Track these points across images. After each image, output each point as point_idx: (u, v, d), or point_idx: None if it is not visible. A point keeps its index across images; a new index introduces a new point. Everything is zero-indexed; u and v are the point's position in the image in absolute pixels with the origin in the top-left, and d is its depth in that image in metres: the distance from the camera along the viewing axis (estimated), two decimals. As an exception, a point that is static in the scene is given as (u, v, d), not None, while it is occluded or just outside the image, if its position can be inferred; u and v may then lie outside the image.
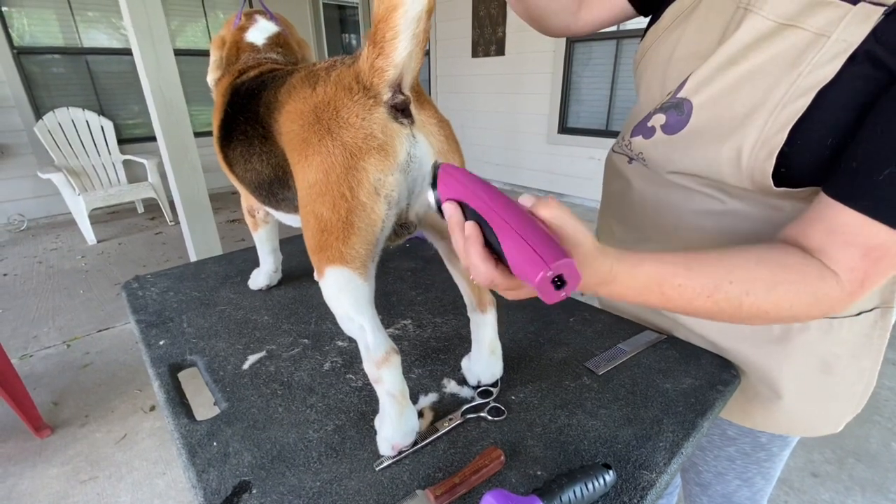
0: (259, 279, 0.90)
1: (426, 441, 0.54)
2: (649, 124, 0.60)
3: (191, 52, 4.69)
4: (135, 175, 4.28)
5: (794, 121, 0.45)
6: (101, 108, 4.33)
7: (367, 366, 0.51)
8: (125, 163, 4.25)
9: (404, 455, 0.52)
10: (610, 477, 0.46)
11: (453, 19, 5.04)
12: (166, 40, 1.92)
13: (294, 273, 0.97)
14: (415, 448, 0.53)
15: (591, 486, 0.44)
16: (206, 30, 4.87)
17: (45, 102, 4.09)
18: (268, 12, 0.81)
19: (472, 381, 0.63)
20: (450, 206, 0.41)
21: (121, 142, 4.29)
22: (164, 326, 0.78)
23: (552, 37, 0.77)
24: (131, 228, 4.02)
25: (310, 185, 0.48)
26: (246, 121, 0.63)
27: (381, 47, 0.43)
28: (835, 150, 0.45)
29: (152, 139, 2.81)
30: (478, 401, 0.60)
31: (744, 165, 0.50)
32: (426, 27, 0.42)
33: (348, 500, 0.46)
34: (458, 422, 0.57)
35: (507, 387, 0.63)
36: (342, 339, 0.74)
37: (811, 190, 0.48)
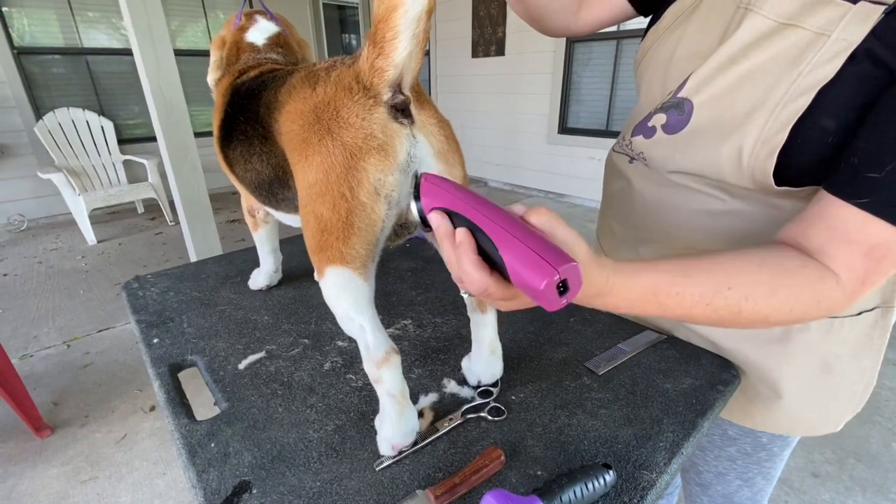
0: (259, 279, 0.90)
1: (426, 441, 0.54)
2: (650, 124, 0.60)
3: (191, 53, 4.69)
4: (135, 175, 4.28)
5: (795, 120, 0.45)
6: (102, 109, 4.34)
7: (367, 366, 0.51)
8: (125, 163, 4.25)
9: (404, 455, 0.52)
10: (610, 477, 0.46)
11: (453, 19, 5.04)
12: (166, 40, 1.92)
13: (294, 273, 0.97)
14: (415, 448, 0.53)
15: (591, 486, 0.44)
16: (207, 30, 4.88)
17: (46, 102, 4.10)
18: (268, 12, 0.81)
19: (472, 381, 0.63)
20: (436, 215, 0.40)
21: (121, 142, 4.29)
22: (164, 326, 0.78)
23: (552, 37, 0.77)
24: (131, 228, 4.03)
25: (310, 185, 0.48)
26: (246, 121, 0.63)
27: (381, 47, 0.43)
28: (836, 148, 0.45)
29: (152, 139, 2.82)
30: (478, 401, 0.60)
31: (745, 165, 0.50)
32: (426, 27, 0.42)
33: (348, 500, 0.46)
34: (459, 422, 0.57)
35: (507, 387, 0.63)
36: (342, 339, 0.74)
37: (812, 189, 0.47)
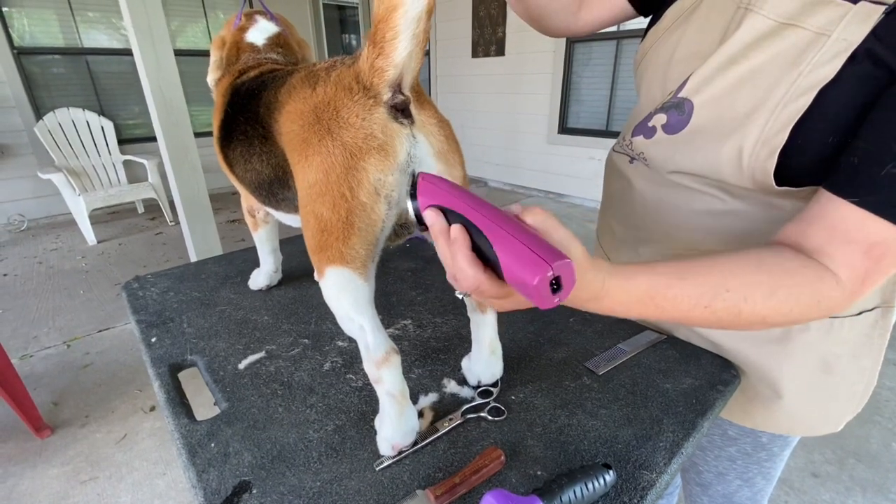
0: (259, 279, 0.90)
1: (426, 441, 0.54)
2: (650, 124, 0.60)
3: (191, 53, 4.69)
4: (135, 175, 4.28)
5: (795, 120, 0.45)
6: (102, 109, 4.33)
7: (367, 366, 0.51)
8: (125, 163, 4.25)
9: (404, 455, 0.52)
10: (610, 477, 0.46)
11: (453, 19, 5.04)
12: (166, 40, 1.92)
13: (294, 273, 0.97)
14: (415, 448, 0.53)
15: (591, 486, 0.44)
16: (207, 30, 4.88)
17: (46, 103, 4.09)
18: (268, 12, 0.81)
19: (472, 381, 0.63)
20: (431, 212, 0.40)
21: (121, 142, 4.29)
22: (164, 326, 0.78)
23: (552, 37, 0.77)
24: (131, 229, 4.02)
25: (310, 186, 0.48)
26: (246, 121, 0.63)
27: (381, 47, 0.43)
28: (836, 148, 0.45)
29: (152, 139, 2.82)
30: (478, 401, 0.60)
31: (745, 165, 0.50)
32: (426, 27, 0.42)
33: (348, 500, 0.46)
34: (458, 422, 0.57)
35: (507, 387, 0.63)
36: (342, 339, 0.74)
37: (812, 189, 0.47)
